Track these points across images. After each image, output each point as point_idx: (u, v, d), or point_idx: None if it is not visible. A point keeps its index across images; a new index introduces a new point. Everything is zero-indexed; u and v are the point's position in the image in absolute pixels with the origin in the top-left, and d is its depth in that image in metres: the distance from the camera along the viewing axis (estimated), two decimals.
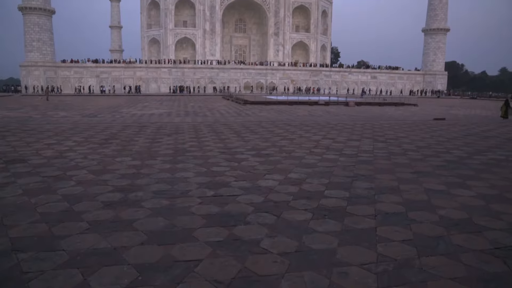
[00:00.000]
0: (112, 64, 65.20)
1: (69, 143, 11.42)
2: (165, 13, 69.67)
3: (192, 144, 11.34)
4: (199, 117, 21.29)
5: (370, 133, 14.45)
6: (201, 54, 71.24)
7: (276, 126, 16.37)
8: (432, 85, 75.14)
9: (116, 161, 8.82)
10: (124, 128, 15.23)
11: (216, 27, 71.68)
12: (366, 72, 73.87)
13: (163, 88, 63.02)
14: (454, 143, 12.28)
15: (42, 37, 60.38)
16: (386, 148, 11.14)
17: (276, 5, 73.34)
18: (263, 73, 67.17)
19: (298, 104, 34.22)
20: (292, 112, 25.54)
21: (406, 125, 17.84)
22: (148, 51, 73.35)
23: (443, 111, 30.21)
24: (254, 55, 78.70)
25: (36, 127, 15.67)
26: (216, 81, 65.01)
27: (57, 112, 24.88)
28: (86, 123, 17.75)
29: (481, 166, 8.84)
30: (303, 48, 78.08)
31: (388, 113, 27.07)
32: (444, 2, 74.40)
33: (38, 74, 59.58)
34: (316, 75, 69.75)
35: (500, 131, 16.40)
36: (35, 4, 59.03)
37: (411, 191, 6.57)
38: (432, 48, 75.71)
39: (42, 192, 6.23)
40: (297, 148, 10.79)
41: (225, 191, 6.41)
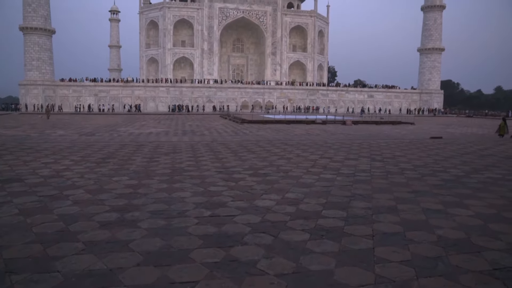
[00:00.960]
0: (110, 83, 65.62)
1: (66, 162, 11.39)
2: (163, 33, 70.58)
3: (189, 163, 11.33)
4: (196, 136, 21.32)
5: (367, 152, 14.49)
6: (199, 73, 71.89)
7: (274, 145, 16.40)
8: (428, 104, 75.80)
9: (113, 180, 8.79)
10: (122, 147, 15.23)
11: (214, 47, 72.55)
12: (363, 91, 74.55)
13: (161, 107, 63.28)
14: (451, 162, 12.32)
15: (41, 56, 60.94)
16: (384, 167, 11.16)
17: (273, 26, 74.48)
18: (260, 92, 67.67)
19: (296, 123, 34.37)
20: (290, 131, 25.63)
21: (403, 144, 17.91)
22: (146, 70, 73.98)
23: (440, 130, 30.38)
24: (252, 74, 79.45)
25: (34, 145, 15.65)
26: (214, 100, 65.39)
27: (55, 130, 24.88)
28: (83, 141, 17.75)
29: (479, 185, 8.85)
30: (300, 68, 78.94)
31: (385, 131, 27.20)
32: (439, 22, 75.77)
33: (36, 93, 59.88)
34: (313, 94, 70.31)
35: (497, 149, 16.47)
36: (36, 24, 59.80)
37: (408, 211, 6.55)
38: (428, 67, 76.71)
39: (38, 212, 6.19)
40: (294, 167, 10.80)
41: (222, 211, 6.38)
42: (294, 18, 76.40)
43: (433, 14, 75.33)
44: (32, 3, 59.72)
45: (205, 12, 71.29)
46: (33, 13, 59.85)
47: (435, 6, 74.60)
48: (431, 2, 74.88)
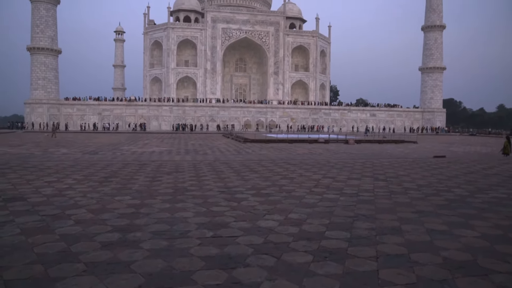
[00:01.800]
0: (114, 102, 66.18)
1: (69, 181, 11.40)
2: (167, 53, 71.52)
3: (192, 183, 11.31)
4: (199, 155, 21.34)
5: (370, 172, 14.44)
6: (202, 92, 72.47)
7: (276, 165, 16.38)
8: (431, 122, 75.85)
9: (115, 200, 8.77)
10: (124, 166, 15.24)
11: (217, 67, 73.33)
12: (365, 110, 74.78)
13: (164, 126, 63.59)
14: (455, 181, 12.24)
15: (47, 76, 61.80)
16: (387, 187, 11.10)
17: (275, 46, 75.40)
18: (263, 111, 68.00)
19: (298, 142, 34.39)
20: (292, 151, 25.62)
21: (407, 163, 17.84)
22: (150, 89, 74.67)
23: (443, 148, 30.30)
24: (254, 94, 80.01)
25: (37, 164, 15.70)
26: (217, 119, 65.70)
27: (58, 149, 24.98)
28: (86, 160, 17.78)
29: (484, 205, 8.77)
30: (303, 87, 79.49)
31: (387, 150, 27.15)
32: (439, 42, 76.53)
33: (41, 111, 60.45)
34: (316, 113, 70.57)
35: (501, 168, 16.37)
36: (43, 44, 60.87)
37: (413, 232, 6.48)
38: (430, 86, 77.08)
39: (40, 232, 6.16)
40: (297, 187, 10.75)
41: (224, 231, 6.34)
42: (296, 38, 77.37)
43: (434, 34, 76.16)
44: (40, 24, 60.89)
45: (208, 32, 72.36)
46: (40, 34, 60.96)
47: (435, 26, 75.49)
48: (431, 23, 75.80)
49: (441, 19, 76.06)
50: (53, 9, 62.31)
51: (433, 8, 75.82)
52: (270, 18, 75.33)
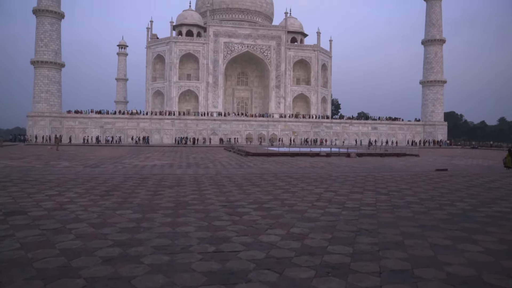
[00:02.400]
0: (116, 115, 66.48)
1: (70, 194, 11.38)
2: (169, 67, 72.08)
3: (193, 197, 11.27)
4: (201, 169, 21.32)
5: (372, 185, 14.37)
6: (203, 106, 72.79)
7: (278, 179, 16.33)
8: (432, 136, 75.83)
9: (116, 214, 8.74)
10: (126, 180, 15.22)
11: (219, 80, 73.79)
12: (367, 123, 74.87)
13: (165, 139, 63.71)
14: (458, 195, 12.17)
15: (50, 89, 62.26)
16: (389, 200, 11.03)
17: (277, 59, 75.95)
18: (264, 125, 68.14)
19: (300, 155, 34.35)
20: (294, 164, 25.58)
21: (408, 177, 17.77)
22: (152, 102, 75.05)
23: (445, 162, 30.21)
24: (256, 107, 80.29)
25: (38, 177, 15.69)
26: (218, 132, 65.83)
27: (60, 162, 25.00)
28: (88, 173, 17.78)
29: (487, 219, 8.69)
30: (304, 100, 79.78)
31: (389, 164, 27.09)
32: (439, 56, 77.01)
33: (43, 124, 60.72)
34: (317, 127, 70.67)
35: (503, 182, 16.29)
36: (47, 58, 61.51)
37: (416, 246, 6.42)
38: (431, 99, 77.30)
39: (40, 246, 6.12)
40: (299, 201, 10.70)
41: (226, 246, 6.29)
42: (298, 52, 77.97)
43: (434, 48, 76.71)
44: (44, 39, 61.63)
45: (211, 46, 73.03)
46: (44, 48, 61.64)
47: (435, 40, 76.10)
48: (431, 37, 76.43)
49: (440, 33, 76.71)
50: (57, 24, 63.11)
51: (433, 23, 76.54)
52: (272, 32, 76.07)
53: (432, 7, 76.70)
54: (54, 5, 62.09)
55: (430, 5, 76.96)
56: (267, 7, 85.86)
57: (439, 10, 76.74)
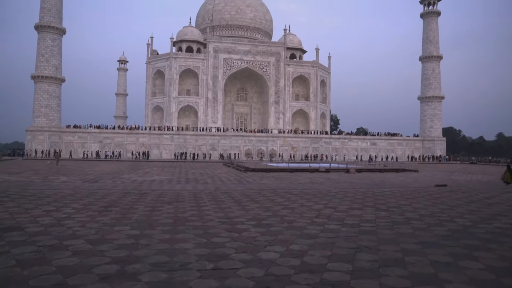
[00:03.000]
0: (115, 130, 66.53)
1: (68, 210, 11.30)
2: (169, 82, 72.50)
3: (192, 213, 11.21)
4: (199, 185, 21.25)
5: (371, 201, 14.32)
6: (203, 121, 72.97)
7: (277, 195, 16.28)
8: (431, 151, 75.91)
9: (114, 230, 8.67)
10: (124, 195, 15.15)
11: (218, 96, 74.16)
12: (366, 139, 74.98)
13: (165, 155, 63.63)
14: (458, 211, 12.12)
15: (50, 104, 62.44)
16: (389, 217, 10.98)
17: (276, 75, 76.50)
18: (263, 141, 68.21)
19: (299, 171, 34.29)
20: (293, 180, 25.53)
21: (408, 193, 17.72)
22: (151, 118, 75.22)
23: (444, 177, 30.18)
24: (255, 123, 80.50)
25: (36, 192, 15.61)
26: (218, 148, 65.83)
27: (58, 176, 24.91)
28: (86, 189, 17.70)
29: (487, 235, 8.65)
30: (303, 116, 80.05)
31: (389, 179, 27.04)
32: (437, 72, 77.70)
33: (42, 139, 60.65)
34: (317, 142, 70.76)
35: (503, 197, 16.25)
36: (47, 73, 61.87)
37: (416, 263, 6.37)
38: (429, 115, 77.67)
39: (36, 263, 6.06)
40: (298, 217, 10.64)
41: (225, 263, 6.22)
42: (297, 68, 78.60)
43: (431, 64, 77.45)
44: (45, 54, 62.12)
45: (210, 62, 73.63)
46: (45, 63, 62.07)
47: (432, 56, 76.91)
48: (428, 53, 77.25)
49: (437, 50, 77.59)
50: (58, 39, 63.69)
51: (430, 40, 77.49)
52: (271, 49, 76.82)
53: (429, 24, 77.76)
54: (56, 21, 62.79)
55: (427, 22, 78.03)
56: (267, 24, 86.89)
57: (436, 27, 77.76)
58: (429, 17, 77.73)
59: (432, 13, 77.45)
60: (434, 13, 77.49)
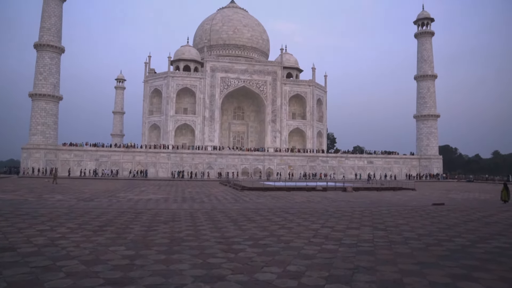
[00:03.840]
0: (112, 148, 66.36)
1: (62, 229, 11.16)
2: (166, 101, 72.81)
3: (188, 233, 11.08)
4: (196, 204, 21.10)
5: (369, 221, 14.24)
6: (200, 140, 73.01)
7: (274, 214, 16.16)
8: (428, 169, 76.03)
9: (109, 250, 8.54)
10: (120, 215, 14.99)
11: (215, 114, 74.43)
12: (363, 157, 75.10)
13: (161, 173, 63.35)
14: (456, 230, 12.05)
15: (47, 121, 62.37)
16: (387, 236, 10.90)
17: (273, 94, 77.05)
18: (260, 159, 68.17)
19: (296, 190, 34.17)
20: (290, 199, 25.41)
21: (406, 211, 17.65)
22: (148, 136, 75.19)
23: (442, 195, 30.14)
24: (252, 141, 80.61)
25: (30, 211, 15.42)
26: (214, 166, 65.68)
27: (53, 195, 24.68)
28: (81, 208, 17.52)
29: (486, 255, 8.57)
30: (300, 135, 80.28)
31: (386, 198, 26.97)
32: (432, 91, 78.56)
33: (38, 157, 60.34)
34: (313, 161, 70.77)
35: (501, 216, 16.20)
36: (45, 91, 62.03)
37: (415, 285, 6.29)
38: (425, 133, 78.14)
39: (28, 285, 5.94)
40: (295, 237, 10.54)
41: (221, 285, 6.12)
42: (293, 87, 79.26)
43: (426, 83, 78.37)
44: (43, 72, 62.43)
45: (207, 81, 74.17)
46: (43, 81, 62.30)
47: (427, 75, 77.89)
48: (423, 72, 78.25)
49: (432, 69, 78.64)
50: (57, 58, 64.12)
51: (424, 59, 78.64)
52: (268, 68, 77.61)
53: (423, 44, 79.04)
54: (55, 40, 63.35)
55: (421, 42, 79.34)
56: (263, 44, 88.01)
57: (430, 47, 79.01)
58: (423, 37, 79.08)
59: (426, 33, 78.83)
60: (428, 33, 78.87)
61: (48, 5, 63.43)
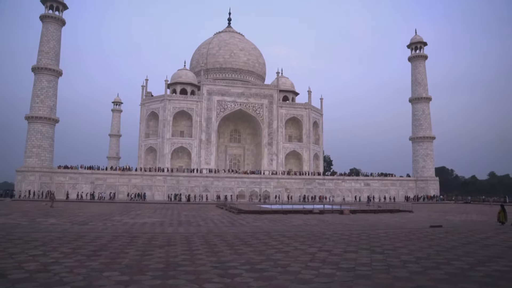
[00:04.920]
0: (108, 171, 65.97)
1: (55, 254, 10.96)
2: (163, 124, 72.96)
3: (184, 257, 10.91)
4: (192, 227, 20.86)
5: (366, 244, 14.10)
6: (196, 163, 72.81)
7: (271, 237, 15.99)
8: (425, 191, 75.93)
9: (103, 276, 8.38)
10: (115, 239, 14.78)
11: (211, 137, 74.53)
12: (359, 180, 75.00)
13: (157, 196, 62.85)
14: (454, 253, 11.95)
15: (43, 144, 62.13)
16: (385, 260, 10.78)
17: (269, 117, 77.48)
18: (257, 182, 67.93)
19: (293, 213, 33.91)
20: (287, 222, 25.20)
21: (403, 234, 17.52)
22: (144, 159, 74.95)
23: (439, 217, 29.99)
24: (249, 164, 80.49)
25: (23, 235, 15.18)
26: (211, 189, 65.30)
27: (47, 219, 24.34)
28: (75, 232, 17.26)
29: (486, 278, 8.48)
30: (297, 157, 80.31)
31: (383, 220, 26.80)
32: (427, 113, 79.34)
33: (33, 179, 59.81)
34: (310, 183, 70.58)
35: (499, 238, 16.12)
36: (42, 114, 62.06)
37: None
38: (421, 155, 78.44)
39: None
40: (292, 261, 10.40)
41: None
42: (290, 110, 79.81)
43: (421, 106, 79.25)
44: (40, 95, 62.65)
45: (204, 104, 74.61)
46: (40, 104, 62.42)
47: (421, 98, 78.84)
48: (417, 95, 79.24)
49: (426, 91, 79.69)
50: (54, 81, 64.50)
51: (418, 82, 79.81)
52: (264, 91, 78.31)
53: (416, 67, 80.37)
54: (53, 63, 63.90)
55: (415, 65, 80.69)
56: (259, 67, 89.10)
57: (423, 70, 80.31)
58: (417, 60, 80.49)
59: (419, 57, 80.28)
60: (421, 56, 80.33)
61: (47, 30, 64.29)
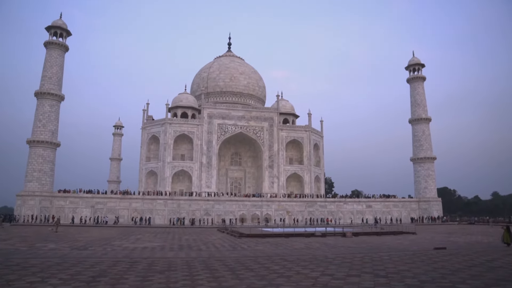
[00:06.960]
0: (108, 195, 65.67)
1: (53, 281, 10.80)
2: (164, 147, 73.08)
3: (184, 282, 10.74)
4: (193, 252, 20.61)
5: (370, 267, 13.88)
6: (197, 186, 72.52)
7: (273, 262, 15.76)
8: (428, 212, 75.23)
9: None
10: (114, 264, 14.58)
11: (212, 161, 74.49)
12: (361, 201, 74.47)
13: (158, 220, 62.30)
14: (460, 276, 11.73)
15: (43, 168, 62.01)
16: (388, 283, 10.58)
17: (270, 140, 77.65)
18: (258, 205, 67.46)
19: (294, 236, 33.54)
20: (289, 245, 24.89)
21: (407, 257, 17.26)
22: (145, 182, 74.74)
23: (443, 239, 29.59)
24: (250, 187, 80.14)
25: (21, 261, 14.98)
26: (212, 213, 64.80)
27: (46, 244, 24.07)
28: (74, 257, 17.04)
29: None
30: (298, 180, 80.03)
31: (386, 243, 26.45)
32: (427, 134, 79.50)
33: (33, 204, 59.43)
34: (312, 206, 70.07)
35: (505, 260, 15.85)
36: (43, 138, 62.25)
37: None
38: (423, 175, 78.12)
39: None
40: (294, 286, 10.23)
41: None
42: (290, 132, 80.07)
43: (421, 126, 79.51)
44: (42, 119, 63.05)
45: (205, 127, 74.95)
46: (42, 128, 62.71)
47: (421, 119, 79.19)
48: (417, 116, 79.62)
49: (426, 112, 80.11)
50: (57, 105, 65.00)
51: (418, 103, 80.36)
52: (264, 114, 78.78)
53: (415, 89, 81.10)
54: (56, 88, 64.56)
55: (414, 87, 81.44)
56: (260, 91, 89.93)
57: (422, 91, 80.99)
58: (415, 82, 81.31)
59: (417, 78, 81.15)
60: (419, 78, 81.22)
61: (51, 55, 65.34)
